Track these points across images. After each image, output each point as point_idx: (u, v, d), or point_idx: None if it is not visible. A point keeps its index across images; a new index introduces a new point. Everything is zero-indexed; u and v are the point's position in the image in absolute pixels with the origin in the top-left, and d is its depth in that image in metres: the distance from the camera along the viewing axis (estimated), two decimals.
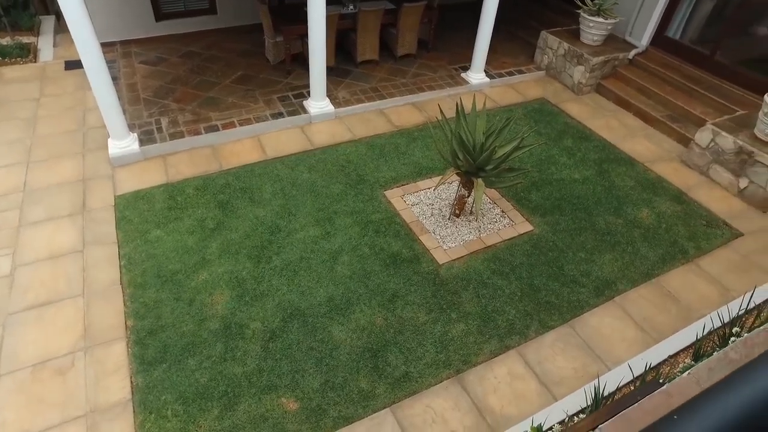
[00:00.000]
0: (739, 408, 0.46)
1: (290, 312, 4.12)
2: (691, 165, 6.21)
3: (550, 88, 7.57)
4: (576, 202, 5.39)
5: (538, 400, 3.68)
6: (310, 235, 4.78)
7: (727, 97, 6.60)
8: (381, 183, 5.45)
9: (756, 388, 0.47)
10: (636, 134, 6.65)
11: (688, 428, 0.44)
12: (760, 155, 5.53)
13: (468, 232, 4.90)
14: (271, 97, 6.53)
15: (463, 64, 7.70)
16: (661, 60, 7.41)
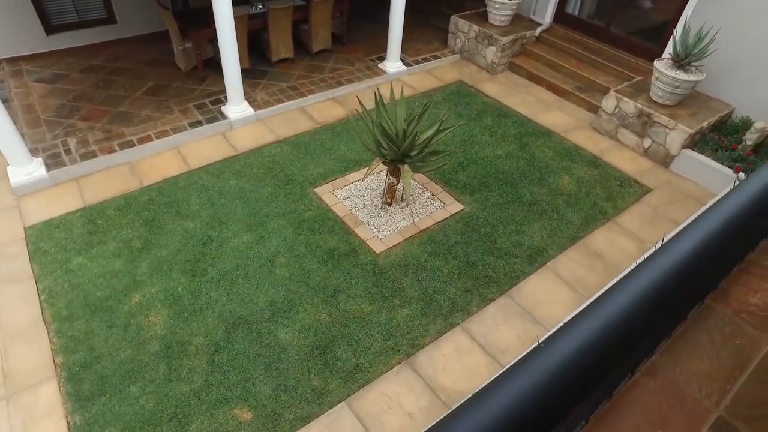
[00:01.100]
0: (592, 331, 0.52)
1: (233, 322, 4.04)
2: (601, 131, 6.62)
3: (465, 70, 7.80)
4: (501, 177, 5.62)
5: (487, 371, 3.83)
6: (244, 242, 4.68)
7: (625, 65, 7.09)
8: (310, 181, 5.42)
9: (608, 310, 0.54)
10: (550, 107, 7.00)
11: (550, 353, 0.49)
12: (657, 116, 6.00)
13: (401, 218, 4.99)
14: (187, 105, 6.30)
15: (380, 55, 7.76)
16: (564, 35, 7.82)
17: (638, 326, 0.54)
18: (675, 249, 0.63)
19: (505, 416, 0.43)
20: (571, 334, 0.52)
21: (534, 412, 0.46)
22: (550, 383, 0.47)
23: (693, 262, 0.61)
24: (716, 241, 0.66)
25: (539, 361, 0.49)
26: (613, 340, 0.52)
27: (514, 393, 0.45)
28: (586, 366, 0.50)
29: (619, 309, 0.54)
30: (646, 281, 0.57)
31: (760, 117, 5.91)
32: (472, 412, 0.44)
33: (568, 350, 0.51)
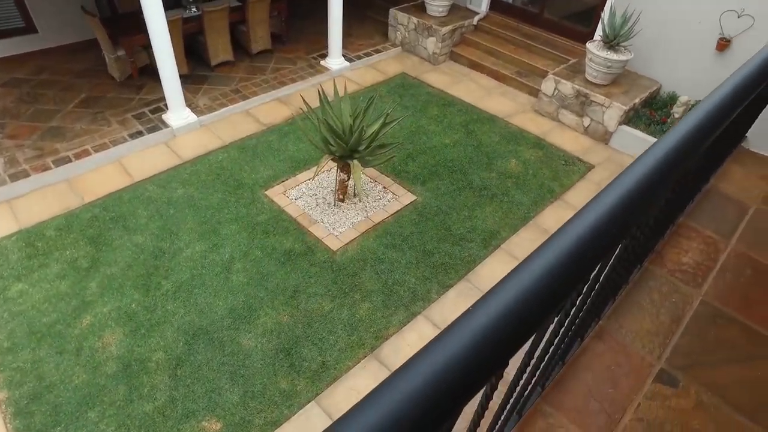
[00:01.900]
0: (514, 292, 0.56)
1: (193, 333, 3.94)
2: (543, 113, 6.85)
3: (408, 62, 7.88)
4: (451, 165, 5.72)
5: None
6: (198, 251, 4.57)
7: (561, 49, 7.34)
8: (260, 184, 5.34)
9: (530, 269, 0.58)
10: (492, 93, 7.17)
11: (477, 315, 0.52)
12: (593, 95, 6.26)
13: (355, 214, 5.00)
14: (126, 116, 6.06)
15: (322, 52, 7.72)
16: (501, 22, 8.02)
17: (558, 286, 0.58)
18: (590, 210, 0.68)
19: (433, 380, 0.45)
20: (497, 295, 0.55)
21: (459, 375, 0.49)
22: (475, 345, 0.50)
23: (606, 223, 0.66)
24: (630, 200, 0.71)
25: (465, 325, 0.51)
26: (533, 300, 0.56)
27: (441, 357, 0.48)
28: (507, 327, 0.53)
29: (541, 268, 0.58)
30: (561, 245, 0.61)
31: (684, 92, 6.28)
32: (399, 381, 0.47)
33: (494, 310, 0.54)
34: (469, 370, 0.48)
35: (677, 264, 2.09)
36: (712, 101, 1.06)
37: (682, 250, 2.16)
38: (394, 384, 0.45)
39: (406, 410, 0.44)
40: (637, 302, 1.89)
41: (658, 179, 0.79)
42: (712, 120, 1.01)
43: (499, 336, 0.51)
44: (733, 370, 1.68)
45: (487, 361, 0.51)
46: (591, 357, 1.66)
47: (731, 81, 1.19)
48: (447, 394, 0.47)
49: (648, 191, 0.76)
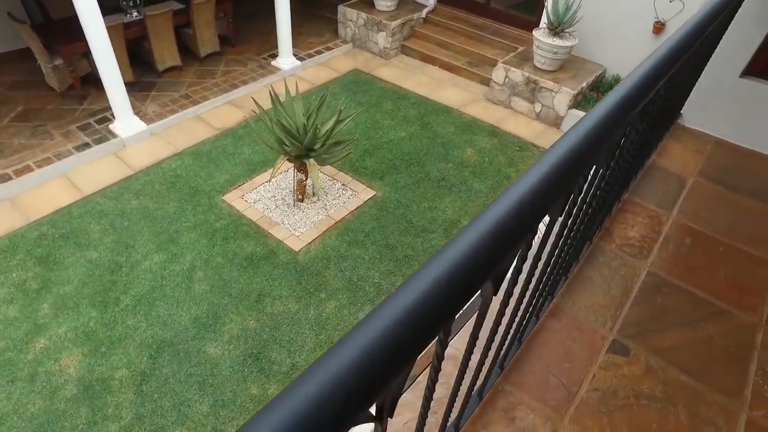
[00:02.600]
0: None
1: (157, 347, 3.84)
2: (495, 101, 6.97)
3: (359, 58, 7.86)
4: (408, 158, 5.76)
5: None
6: (156, 262, 4.45)
7: (509, 37, 7.49)
8: (217, 189, 5.24)
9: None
10: (445, 84, 7.24)
11: (399, 297, 0.54)
12: (543, 81, 6.42)
13: (315, 213, 4.97)
14: (69, 128, 5.82)
15: (272, 52, 7.61)
16: (449, 14, 8.10)
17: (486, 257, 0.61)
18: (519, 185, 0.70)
19: (353, 366, 0.46)
20: (425, 272, 0.57)
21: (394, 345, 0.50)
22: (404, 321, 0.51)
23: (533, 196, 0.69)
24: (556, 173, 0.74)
25: (386, 309, 0.53)
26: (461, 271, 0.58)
27: (369, 337, 0.49)
28: (433, 304, 0.54)
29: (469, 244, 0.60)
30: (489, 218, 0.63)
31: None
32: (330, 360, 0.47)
33: (423, 287, 0.55)
34: (390, 355, 0.49)
35: (624, 239, 2.18)
36: (633, 77, 1.11)
37: (629, 225, 2.26)
38: (308, 379, 0.46)
39: (324, 400, 0.45)
40: (589, 278, 1.96)
41: (585, 149, 0.83)
42: (634, 95, 1.06)
43: (420, 316, 0.52)
44: (677, 335, 1.77)
45: (410, 344, 0.52)
46: (547, 334, 1.72)
47: (651, 58, 1.25)
48: (372, 373, 0.48)
49: (570, 168, 0.79)
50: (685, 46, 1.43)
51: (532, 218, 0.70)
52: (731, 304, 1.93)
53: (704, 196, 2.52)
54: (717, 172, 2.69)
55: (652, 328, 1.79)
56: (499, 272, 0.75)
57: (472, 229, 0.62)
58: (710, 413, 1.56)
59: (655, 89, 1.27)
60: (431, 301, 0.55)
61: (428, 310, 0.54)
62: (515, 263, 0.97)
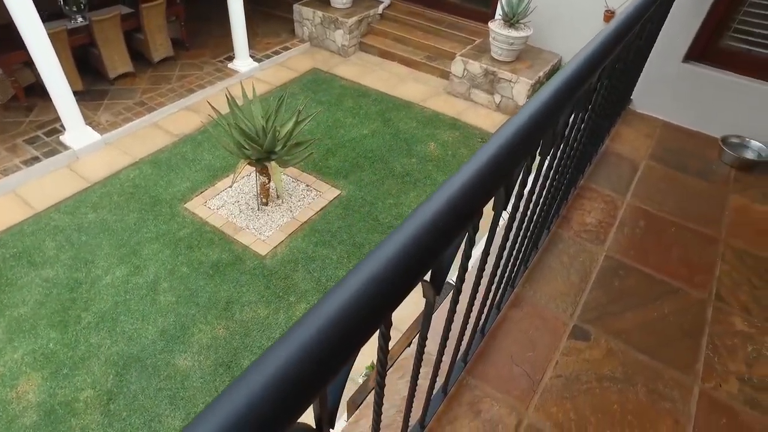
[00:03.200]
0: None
1: (123, 363, 3.73)
2: (456, 94, 7.02)
3: (318, 57, 7.80)
4: (371, 156, 5.75)
5: (393, 343, 3.96)
6: (119, 276, 4.32)
7: (465, 30, 7.54)
8: (178, 197, 5.11)
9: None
10: (405, 80, 7.25)
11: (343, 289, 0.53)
12: (501, 73, 6.50)
13: (281, 216, 4.91)
14: (16, 142, 5.57)
15: (228, 55, 7.46)
16: (406, 9, 8.11)
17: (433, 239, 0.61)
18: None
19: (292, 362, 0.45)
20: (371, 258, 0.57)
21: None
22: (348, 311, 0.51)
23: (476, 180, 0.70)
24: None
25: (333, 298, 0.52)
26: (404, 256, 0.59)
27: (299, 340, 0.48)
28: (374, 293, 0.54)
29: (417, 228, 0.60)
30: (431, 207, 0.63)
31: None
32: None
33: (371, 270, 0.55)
34: (328, 350, 0.49)
35: (582, 225, 2.22)
36: (571, 64, 1.13)
37: (585, 211, 2.31)
38: (248, 377, 0.44)
39: (267, 394, 0.44)
40: (549, 266, 1.99)
41: (520, 141, 0.84)
42: (574, 81, 1.07)
43: (362, 306, 0.52)
44: (634, 316, 1.82)
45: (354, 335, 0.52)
46: (510, 325, 1.74)
47: (589, 45, 1.28)
48: (312, 368, 0.47)
49: (512, 152, 0.80)
50: (623, 31, 1.47)
51: (464, 214, 0.70)
52: (683, 282, 2.00)
53: (655, 179, 2.59)
54: (666, 155, 2.78)
55: (610, 311, 1.83)
56: (438, 268, 0.75)
57: (402, 230, 0.61)
58: (667, 389, 1.61)
59: (596, 74, 1.29)
60: (365, 298, 0.55)
61: (361, 308, 0.54)
62: (461, 258, 0.98)
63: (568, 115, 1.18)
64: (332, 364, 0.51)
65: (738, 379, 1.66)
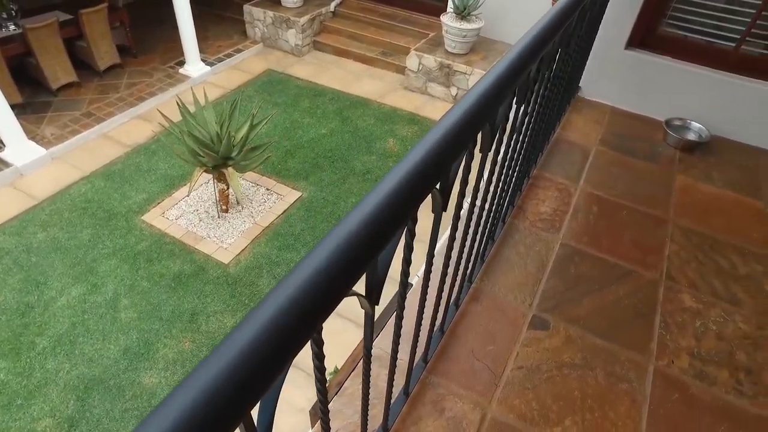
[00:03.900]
0: None
1: (84, 387, 3.59)
2: (412, 89, 7.04)
3: (272, 57, 7.67)
4: (331, 155, 5.70)
5: (358, 342, 3.94)
6: (75, 296, 4.15)
7: (419, 24, 7.56)
8: (134, 210, 4.95)
9: None
10: (361, 77, 7.22)
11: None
12: (456, 65, 6.55)
13: (242, 222, 4.82)
14: None
15: (179, 60, 7.26)
16: (358, 5, 8.06)
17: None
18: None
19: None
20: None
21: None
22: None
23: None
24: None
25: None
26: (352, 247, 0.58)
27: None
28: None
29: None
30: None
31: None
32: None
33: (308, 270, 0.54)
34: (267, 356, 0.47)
35: (537, 214, 2.25)
36: (510, 54, 1.14)
37: (540, 200, 2.34)
38: (195, 377, 0.43)
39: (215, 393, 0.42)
40: (506, 257, 2.01)
41: (453, 138, 0.83)
42: (514, 68, 1.08)
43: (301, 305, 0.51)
44: (591, 301, 1.86)
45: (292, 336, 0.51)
46: (470, 320, 1.75)
47: (529, 33, 1.29)
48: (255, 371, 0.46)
49: (450, 144, 0.80)
50: (564, 16, 1.49)
51: (394, 221, 0.69)
52: (636, 264, 2.05)
53: (606, 164, 2.66)
54: (615, 140, 2.85)
55: (568, 299, 1.87)
56: (373, 279, 0.73)
57: (324, 245, 0.59)
58: (624, 370, 1.65)
59: (535, 63, 1.30)
60: (291, 313, 0.53)
61: (285, 325, 0.52)
62: (401, 264, 0.97)
63: (507, 106, 1.18)
64: (259, 383, 0.49)
65: (688, 354, 1.72)
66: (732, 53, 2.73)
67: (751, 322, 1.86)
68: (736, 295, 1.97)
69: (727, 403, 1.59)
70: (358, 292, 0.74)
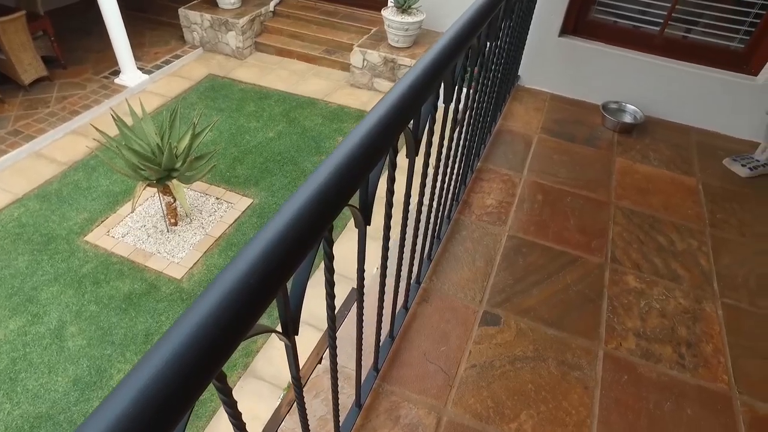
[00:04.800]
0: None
1: (30, 427, 3.38)
2: (359, 85, 6.98)
3: (213, 62, 7.44)
4: (280, 158, 5.59)
5: (323, 342, 3.89)
6: (13, 330, 3.90)
7: (361, 20, 7.50)
8: (76, 231, 4.70)
9: None
10: (306, 76, 7.11)
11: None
12: (400, 59, 6.54)
13: (193, 234, 4.66)
14: None
15: (114, 69, 6.93)
16: (297, 4, 7.92)
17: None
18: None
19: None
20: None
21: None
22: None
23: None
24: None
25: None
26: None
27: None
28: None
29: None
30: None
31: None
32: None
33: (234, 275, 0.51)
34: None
35: (483, 208, 2.26)
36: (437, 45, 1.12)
37: (485, 193, 2.35)
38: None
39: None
40: (454, 254, 2.01)
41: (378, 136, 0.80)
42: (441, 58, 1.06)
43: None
44: (540, 292, 1.87)
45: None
46: (420, 322, 1.73)
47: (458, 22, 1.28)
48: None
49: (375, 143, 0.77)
50: (487, 10, 1.48)
51: (306, 241, 0.65)
52: (582, 250, 2.09)
53: (548, 151, 2.70)
54: (556, 126, 2.90)
55: (517, 291, 1.88)
56: (285, 310, 0.70)
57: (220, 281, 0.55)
58: (575, 358, 1.67)
59: (461, 55, 1.29)
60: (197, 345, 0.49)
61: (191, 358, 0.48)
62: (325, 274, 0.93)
63: (432, 103, 1.15)
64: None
65: (635, 334, 1.76)
66: (657, 36, 2.82)
67: (690, 296, 1.93)
68: (675, 271, 2.03)
69: (671, 378, 1.64)
70: (274, 329, 0.70)
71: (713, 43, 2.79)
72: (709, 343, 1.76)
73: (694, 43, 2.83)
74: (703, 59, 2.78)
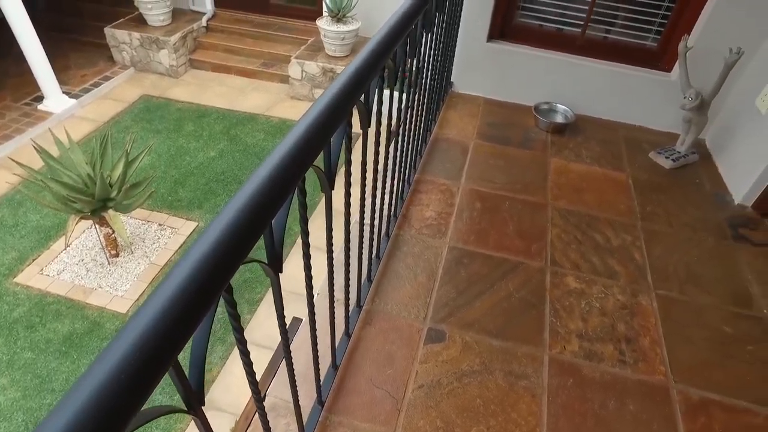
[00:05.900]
0: None
1: None
2: (300, 97, 6.90)
3: (146, 82, 7.16)
4: (224, 178, 5.43)
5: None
6: None
7: (296, 31, 7.42)
8: (3, 273, 4.39)
9: None
10: (245, 91, 6.96)
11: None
12: (338, 68, 6.50)
13: (136, 265, 4.45)
14: None
15: (36, 95, 6.55)
16: (231, 18, 7.75)
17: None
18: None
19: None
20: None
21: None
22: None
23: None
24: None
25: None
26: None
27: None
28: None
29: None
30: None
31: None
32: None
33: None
34: None
35: (422, 221, 2.25)
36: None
37: (423, 205, 2.34)
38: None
39: None
40: (395, 272, 1.99)
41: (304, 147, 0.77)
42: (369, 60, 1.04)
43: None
44: (483, 302, 1.88)
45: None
46: (364, 346, 1.70)
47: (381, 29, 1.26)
48: None
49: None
50: (412, 12, 1.47)
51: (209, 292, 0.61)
52: (522, 255, 2.11)
53: (485, 157, 2.73)
54: (491, 131, 2.94)
55: (460, 304, 1.88)
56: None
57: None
58: (522, 367, 1.68)
59: (381, 64, 1.27)
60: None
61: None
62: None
63: (342, 131, 1.12)
64: None
65: (577, 336, 1.79)
66: (579, 38, 2.91)
67: (627, 291, 1.98)
68: (612, 268, 2.09)
69: (613, 376, 1.68)
70: (178, 408, 0.65)
71: (630, 42, 2.91)
72: (646, 337, 1.82)
73: (614, 43, 2.95)
74: (622, 58, 2.89)
